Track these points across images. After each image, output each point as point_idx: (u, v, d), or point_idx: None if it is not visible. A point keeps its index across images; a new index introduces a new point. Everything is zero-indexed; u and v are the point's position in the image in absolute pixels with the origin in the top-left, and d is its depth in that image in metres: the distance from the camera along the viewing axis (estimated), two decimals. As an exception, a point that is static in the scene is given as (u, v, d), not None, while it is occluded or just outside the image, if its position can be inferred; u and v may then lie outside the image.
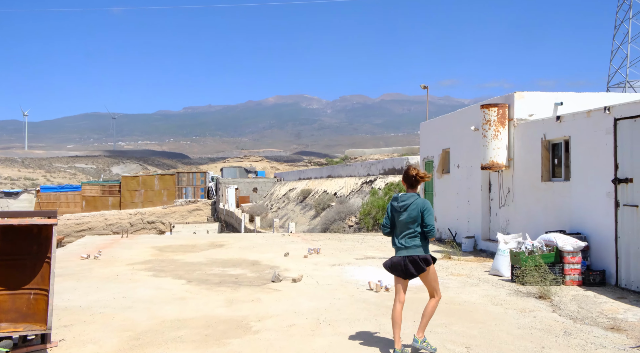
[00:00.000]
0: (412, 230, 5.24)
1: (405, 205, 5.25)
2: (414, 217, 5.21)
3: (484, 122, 12.54)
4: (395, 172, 23.35)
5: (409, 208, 5.23)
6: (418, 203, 5.24)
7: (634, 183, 8.42)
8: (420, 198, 5.30)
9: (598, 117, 9.32)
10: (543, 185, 11.04)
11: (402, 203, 5.28)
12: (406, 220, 5.23)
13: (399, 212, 5.28)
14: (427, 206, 5.25)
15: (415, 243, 5.24)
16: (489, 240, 13.39)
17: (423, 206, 5.23)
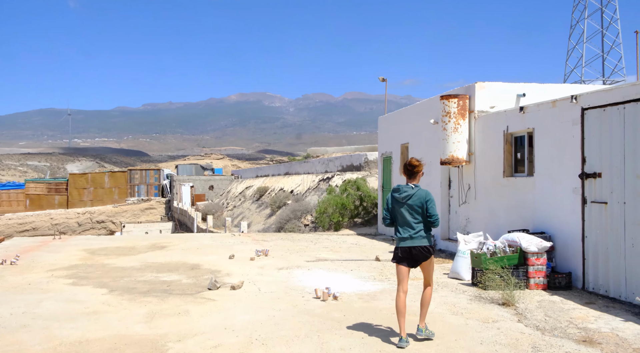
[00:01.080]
0: (416, 221, 5.34)
1: (407, 196, 5.34)
2: (417, 207, 5.31)
3: (443, 114, 11.79)
4: (353, 168, 22.53)
5: (412, 199, 5.31)
6: (420, 194, 5.34)
7: (603, 178, 7.76)
8: (422, 189, 5.39)
9: (564, 107, 8.64)
10: (505, 181, 10.35)
11: (404, 195, 5.37)
12: (409, 210, 5.32)
13: (401, 203, 5.37)
14: (429, 197, 5.37)
15: (421, 233, 5.37)
16: (448, 240, 12.67)
17: (425, 197, 5.35)
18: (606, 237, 7.68)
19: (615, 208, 7.49)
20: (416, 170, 5.47)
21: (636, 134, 7.12)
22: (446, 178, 12.94)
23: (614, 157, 7.51)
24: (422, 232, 5.39)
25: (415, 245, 5.38)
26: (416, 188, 5.43)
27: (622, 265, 7.36)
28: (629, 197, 7.24)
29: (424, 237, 5.41)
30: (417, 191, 5.39)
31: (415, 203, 5.34)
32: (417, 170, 5.47)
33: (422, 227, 5.40)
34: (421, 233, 5.39)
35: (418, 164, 5.45)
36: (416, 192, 5.37)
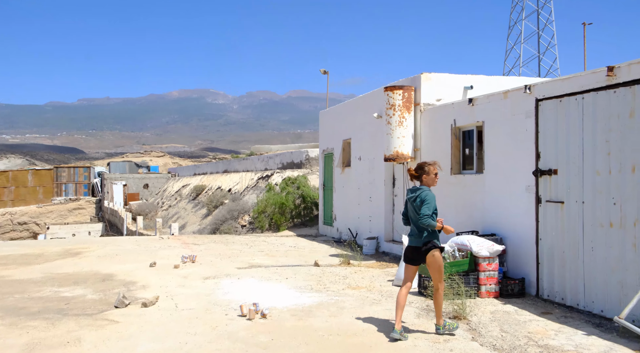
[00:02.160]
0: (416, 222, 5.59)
1: (412, 197, 5.64)
2: (417, 208, 5.53)
3: (387, 107, 10.94)
4: (294, 166, 21.50)
5: (415, 200, 5.58)
6: (420, 195, 5.54)
7: (559, 175, 7.09)
8: (424, 191, 5.57)
9: (517, 98, 7.94)
10: (453, 178, 9.61)
11: (410, 196, 5.70)
12: (413, 211, 5.62)
13: (410, 203, 5.69)
14: (425, 198, 5.51)
15: (417, 233, 5.61)
16: (392, 242, 11.87)
17: (422, 198, 5.52)
18: (563, 239, 7.01)
19: (573, 208, 6.83)
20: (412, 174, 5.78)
21: (596, 126, 6.47)
22: (390, 175, 12.14)
23: (572, 152, 6.85)
24: (418, 231, 5.61)
25: (411, 244, 5.68)
26: (420, 190, 5.64)
27: (580, 270, 6.70)
28: (588, 195, 6.58)
29: (418, 237, 5.60)
30: (420, 193, 5.60)
31: (417, 204, 5.56)
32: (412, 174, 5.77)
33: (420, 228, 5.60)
34: (417, 233, 5.61)
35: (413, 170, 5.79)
36: (419, 194, 5.58)
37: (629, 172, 6.00)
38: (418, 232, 5.61)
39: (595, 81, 6.49)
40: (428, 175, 5.69)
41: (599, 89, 6.43)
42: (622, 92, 6.09)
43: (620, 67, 6.14)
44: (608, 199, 6.28)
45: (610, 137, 6.26)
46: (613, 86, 6.23)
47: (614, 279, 6.20)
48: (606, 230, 6.30)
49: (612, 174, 6.23)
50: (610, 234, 6.25)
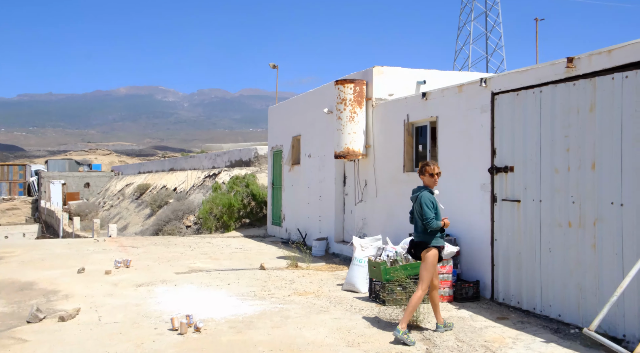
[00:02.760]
0: (418, 221, 5.74)
1: (413, 198, 5.83)
2: (418, 210, 5.71)
3: (338, 102, 10.43)
4: (243, 164, 20.74)
5: (416, 200, 5.78)
6: (418, 197, 5.71)
7: (516, 172, 6.75)
8: (422, 192, 5.74)
9: (472, 91, 7.57)
10: (405, 176, 9.19)
11: (412, 196, 5.88)
12: (416, 211, 5.79)
13: (413, 203, 5.85)
14: (422, 200, 5.65)
15: (420, 234, 5.73)
16: (342, 242, 11.37)
17: (420, 199, 5.68)
18: (519, 240, 6.67)
19: (530, 207, 6.49)
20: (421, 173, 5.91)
21: (554, 121, 6.14)
22: (341, 173, 11.64)
23: (529, 148, 6.51)
24: (419, 230, 5.75)
25: (416, 240, 5.81)
26: (420, 190, 5.79)
27: (536, 273, 6.37)
28: (546, 194, 6.25)
29: (418, 235, 5.75)
30: (418, 193, 5.76)
31: (417, 205, 5.74)
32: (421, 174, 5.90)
33: (421, 226, 5.71)
34: (417, 232, 5.77)
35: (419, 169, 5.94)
36: (418, 194, 5.74)
37: (588, 169, 5.69)
38: (419, 231, 5.73)
39: (553, 73, 6.16)
40: (424, 175, 5.84)
41: (557, 82, 6.11)
42: (582, 84, 5.78)
43: (580, 59, 5.82)
44: (567, 198, 5.96)
45: (569, 133, 5.94)
46: (572, 78, 5.91)
47: (572, 282, 5.88)
48: (564, 231, 5.98)
49: (571, 171, 5.91)
50: (568, 235, 5.93)
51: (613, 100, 5.41)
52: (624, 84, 5.29)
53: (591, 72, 5.67)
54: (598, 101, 5.58)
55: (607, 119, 5.47)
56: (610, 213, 5.42)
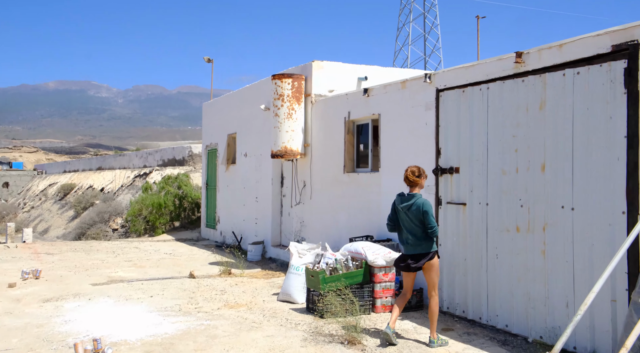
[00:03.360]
0: (416, 229, 5.36)
1: (407, 206, 5.40)
2: (417, 217, 5.33)
3: (275, 98, 9.80)
4: (176, 163, 19.67)
5: (410, 208, 5.36)
6: (418, 204, 5.33)
7: (461, 174, 6.37)
8: (420, 199, 5.37)
9: (416, 88, 7.16)
10: (346, 177, 8.70)
11: (404, 204, 5.43)
12: (409, 220, 5.38)
13: (403, 212, 5.44)
14: (426, 208, 5.31)
15: (415, 241, 5.37)
16: (280, 246, 10.76)
17: (423, 207, 5.31)
18: (465, 245, 6.30)
19: (476, 211, 6.13)
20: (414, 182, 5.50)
21: (502, 120, 5.80)
22: (278, 174, 11.02)
23: (476, 148, 6.15)
24: (420, 240, 5.38)
25: (411, 252, 5.45)
26: (416, 197, 5.42)
27: (483, 280, 6.01)
28: (493, 197, 5.90)
29: (420, 245, 5.40)
30: (416, 200, 5.39)
31: (415, 213, 5.36)
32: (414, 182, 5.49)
33: (422, 235, 5.37)
34: (419, 242, 5.39)
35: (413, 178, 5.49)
36: (415, 202, 5.38)
37: (538, 171, 5.37)
38: (417, 239, 5.37)
39: (501, 69, 5.81)
40: (421, 178, 5.50)
41: (505, 78, 5.77)
42: (532, 81, 5.45)
43: (529, 53, 5.49)
44: (515, 201, 5.62)
45: (518, 132, 5.61)
46: (521, 74, 5.58)
47: (520, 290, 5.54)
48: (512, 236, 5.64)
49: (519, 172, 5.58)
50: (516, 240, 5.60)
51: (564, 98, 5.10)
52: (576, 80, 4.99)
53: (541, 67, 5.34)
54: (548, 98, 5.26)
55: (558, 117, 5.16)
56: (560, 217, 5.11)
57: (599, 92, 4.77)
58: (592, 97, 4.82)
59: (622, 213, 4.54)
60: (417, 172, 5.48)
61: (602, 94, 4.73)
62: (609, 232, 4.65)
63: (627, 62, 4.52)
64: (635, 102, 4.45)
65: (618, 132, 4.59)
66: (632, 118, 4.47)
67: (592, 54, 4.82)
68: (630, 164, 4.49)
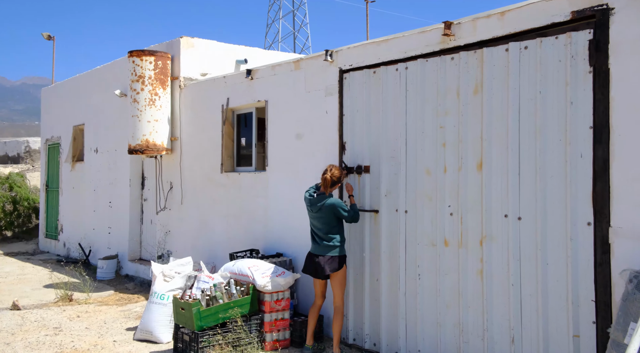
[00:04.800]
0: (326, 227, 4.89)
1: (318, 207, 4.89)
2: (328, 215, 4.86)
3: (134, 80, 7.92)
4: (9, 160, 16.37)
5: (322, 209, 4.87)
6: (327, 205, 4.84)
7: (372, 174, 5.19)
8: (329, 200, 4.86)
9: (314, 69, 5.84)
10: (224, 178, 7.13)
11: (315, 205, 4.92)
12: (320, 217, 4.90)
13: (311, 210, 4.98)
14: (336, 203, 4.85)
15: (323, 242, 4.90)
16: (139, 261, 8.85)
17: (333, 206, 4.84)
18: (377, 262, 5.12)
19: (392, 220, 4.98)
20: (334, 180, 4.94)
21: (425, 107, 4.70)
22: (138, 173, 9.08)
23: (391, 142, 4.99)
24: (330, 240, 4.88)
25: (317, 252, 4.93)
26: (325, 198, 4.88)
27: (401, 306, 4.87)
28: (414, 202, 4.78)
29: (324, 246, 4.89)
30: (325, 201, 4.85)
31: (326, 213, 4.85)
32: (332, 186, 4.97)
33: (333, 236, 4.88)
34: (329, 243, 4.88)
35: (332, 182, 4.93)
36: (325, 202, 4.85)
37: (473, 170, 4.33)
38: (325, 237, 4.87)
39: (424, 44, 4.71)
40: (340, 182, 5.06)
41: (430, 55, 4.67)
42: (464, 58, 4.40)
43: (461, 24, 4.44)
44: (442, 208, 4.54)
45: (446, 122, 4.53)
46: (451, 51, 4.51)
47: (450, 319, 4.47)
48: (439, 251, 4.55)
49: (448, 172, 4.50)
50: (445, 256, 4.51)
51: (507, 79, 4.10)
52: (523, 56, 4.01)
53: (477, 41, 4.31)
54: (486, 80, 4.23)
55: (499, 104, 4.15)
56: (503, 229, 4.10)
57: (554, 72, 3.82)
58: (546, 78, 3.87)
59: (588, 225, 3.61)
60: (338, 175, 4.93)
61: (559, 74, 3.79)
62: (570, 248, 3.71)
63: (594, 33, 3.60)
64: (604, 83, 3.54)
65: (581, 122, 3.66)
66: (600, 103, 3.56)
67: (545, 23, 3.87)
68: (597, 161, 3.57)
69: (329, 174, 4.88)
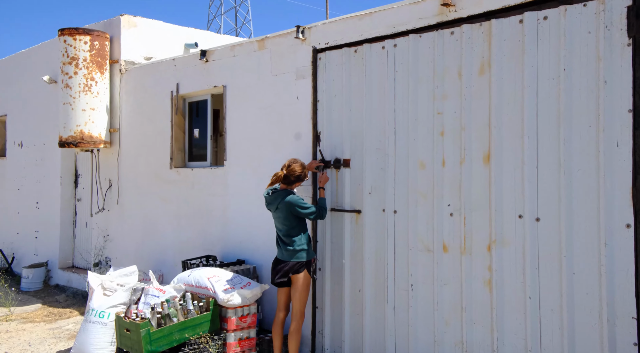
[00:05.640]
0: (286, 228, 4.24)
1: (275, 205, 4.28)
2: (287, 214, 4.21)
3: (66, 62, 6.87)
4: None
5: (279, 206, 4.23)
6: (287, 201, 4.18)
7: (353, 168, 4.49)
8: (287, 197, 4.19)
9: (282, 48, 5.08)
10: (174, 174, 6.23)
11: (273, 204, 4.30)
12: (279, 217, 4.27)
13: (270, 210, 4.37)
14: (294, 201, 4.16)
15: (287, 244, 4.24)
16: (72, 269, 7.78)
17: (289, 204, 4.17)
18: (360, 271, 4.44)
19: (378, 222, 4.30)
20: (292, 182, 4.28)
21: (418, 90, 4.05)
22: (71, 170, 7.99)
23: (375, 131, 4.31)
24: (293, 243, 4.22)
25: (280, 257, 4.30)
26: (281, 195, 4.24)
27: (389, 321, 4.20)
28: (405, 201, 4.12)
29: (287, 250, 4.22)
30: (282, 199, 4.21)
31: (284, 213, 4.20)
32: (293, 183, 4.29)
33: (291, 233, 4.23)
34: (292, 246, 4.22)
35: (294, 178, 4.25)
36: (282, 200, 4.21)
37: (478, 163, 3.71)
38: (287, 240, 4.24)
39: (418, 17, 4.05)
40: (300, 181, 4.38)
41: (424, 29, 4.02)
42: (468, 32, 3.77)
43: (464, -6, 3.81)
44: (440, 207, 3.90)
45: (444, 108, 3.90)
46: (451, 24, 3.87)
47: (449, 337, 3.83)
48: (437, 258, 3.91)
49: (447, 166, 3.87)
50: (443, 264, 3.88)
51: (521, 56, 3.51)
52: (542, 28, 3.43)
53: (483, 12, 3.69)
54: (495, 57, 3.63)
55: (512, 84, 3.55)
56: (517, 232, 3.50)
57: (582, 45, 3.25)
58: (572, 53, 3.29)
59: (627, 227, 3.06)
60: (299, 171, 4.24)
61: (589, 48, 3.22)
62: (603, 255, 3.14)
63: (634, -1, 3.05)
64: (647, 59, 2.99)
65: (618, 104, 3.11)
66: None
67: (570, -11, 3.29)
68: (639, 151, 3.02)
69: (284, 170, 4.22)
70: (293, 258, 4.20)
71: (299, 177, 4.25)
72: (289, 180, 4.24)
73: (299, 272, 4.20)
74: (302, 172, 4.25)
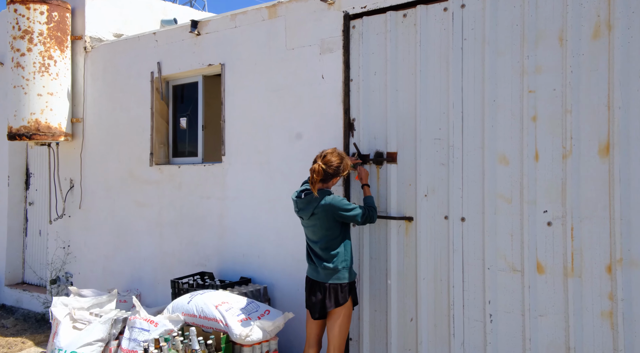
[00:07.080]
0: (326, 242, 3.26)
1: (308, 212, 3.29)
2: (327, 219, 3.25)
3: (17, 36, 5.64)
4: None
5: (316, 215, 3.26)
6: (326, 208, 3.23)
7: (401, 164, 3.55)
8: (325, 198, 3.23)
9: (301, 15, 4.07)
10: (156, 172, 5.10)
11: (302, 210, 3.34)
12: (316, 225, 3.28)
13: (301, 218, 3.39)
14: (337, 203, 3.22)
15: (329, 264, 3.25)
16: (23, 287, 6.50)
17: (331, 207, 3.22)
18: (411, 295, 3.50)
19: (437, 232, 3.37)
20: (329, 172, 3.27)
21: (498, 61, 3.14)
22: (21, 167, 6.70)
23: (433, 116, 3.38)
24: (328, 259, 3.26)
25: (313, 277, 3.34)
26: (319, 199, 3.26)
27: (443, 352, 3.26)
28: (477, 205, 3.20)
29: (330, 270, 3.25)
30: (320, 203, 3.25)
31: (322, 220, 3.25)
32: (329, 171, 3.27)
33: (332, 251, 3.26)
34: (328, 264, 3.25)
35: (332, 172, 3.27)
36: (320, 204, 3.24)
37: (591, 157, 2.83)
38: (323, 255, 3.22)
39: (497, -30, 3.14)
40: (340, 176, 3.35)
41: (508, -14, 3.11)
42: (573, -13, 2.89)
43: (567, -64, 2.92)
44: (532, 212, 3.00)
45: (538, 84, 3.01)
46: (548, -24, 2.98)
47: (544, 381, 2.93)
48: (528, 280, 3.00)
49: (541, 160, 2.98)
50: (538, 288, 2.97)
51: (656, 16, 2.65)
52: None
53: (597, -40, 2.82)
54: (620, 14, 2.76)
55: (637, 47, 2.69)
56: (652, 246, 2.63)
57: None
58: None
59: None
60: (336, 162, 3.27)
61: None
62: None
63: None
64: None
65: None
66: None
67: None
68: None
69: (319, 163, 3.24)
70: (331, 279, 3.22)
71: (337, 170, 3.27)
72: (327, 174, 3.25)
73: (341, 305, 3.21)
74: (341, 164, 3.28)
